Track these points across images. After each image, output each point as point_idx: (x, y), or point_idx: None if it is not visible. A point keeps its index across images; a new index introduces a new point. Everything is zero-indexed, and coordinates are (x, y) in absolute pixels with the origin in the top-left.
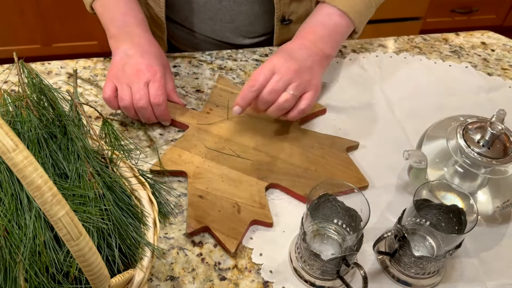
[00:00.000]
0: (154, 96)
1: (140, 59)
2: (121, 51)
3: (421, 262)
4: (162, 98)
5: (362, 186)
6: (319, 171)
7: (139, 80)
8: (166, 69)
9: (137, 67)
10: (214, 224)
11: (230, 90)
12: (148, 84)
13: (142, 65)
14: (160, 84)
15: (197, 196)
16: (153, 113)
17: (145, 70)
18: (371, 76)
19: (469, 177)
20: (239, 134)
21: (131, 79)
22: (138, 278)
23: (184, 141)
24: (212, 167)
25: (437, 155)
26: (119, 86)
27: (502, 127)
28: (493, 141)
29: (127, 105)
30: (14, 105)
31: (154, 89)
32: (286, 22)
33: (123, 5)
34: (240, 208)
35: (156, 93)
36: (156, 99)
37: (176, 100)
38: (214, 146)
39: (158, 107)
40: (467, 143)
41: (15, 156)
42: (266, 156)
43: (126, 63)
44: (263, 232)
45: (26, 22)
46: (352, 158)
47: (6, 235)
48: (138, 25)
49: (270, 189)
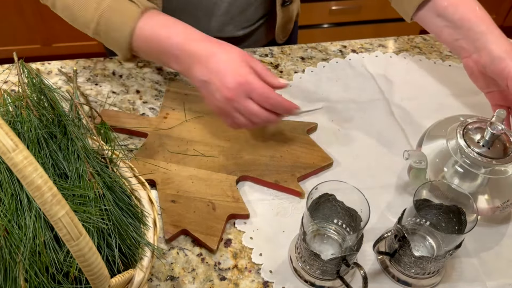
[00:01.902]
0: (264, 102)
1: (218, 82)
2: (197, 81)
3: (421, 262)
4: (271, 100)
5: (327, 164)
6: (285, 157)
7: (239, 101)
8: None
9: (226, 93)
10: (191, 225)
11: (183, 92)
12: (250, 96)
13: (229, 85)
14: (258, 87)
15: (170, 202)
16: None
17: (234, 89)
18: (371, 76)
19: (469, 177)
20: (200, 134)
21: (232, 105)
22: (138, 278)
23: (146, 150)
24: (179, 170)
25: (437, 155)
26: (228, 117)
27: (502, 127)
28: (493, 141)
29: (251, 127)
30: (14, 105)
31: (257, 95)
32: (287, 4)
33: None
34: (215, 206)
35: (262, 98)
36: (267, 103)
37: (272, 81)
38: (177, 150)
39: (275, 107)
40: (467, 143)
41: (15, 156)
42: (231, 150)
43: (213, 93)
44: (263, 232)
45: (26, 22)
46: (352, 157)
47: (6, 235)
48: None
49: (240, 182)
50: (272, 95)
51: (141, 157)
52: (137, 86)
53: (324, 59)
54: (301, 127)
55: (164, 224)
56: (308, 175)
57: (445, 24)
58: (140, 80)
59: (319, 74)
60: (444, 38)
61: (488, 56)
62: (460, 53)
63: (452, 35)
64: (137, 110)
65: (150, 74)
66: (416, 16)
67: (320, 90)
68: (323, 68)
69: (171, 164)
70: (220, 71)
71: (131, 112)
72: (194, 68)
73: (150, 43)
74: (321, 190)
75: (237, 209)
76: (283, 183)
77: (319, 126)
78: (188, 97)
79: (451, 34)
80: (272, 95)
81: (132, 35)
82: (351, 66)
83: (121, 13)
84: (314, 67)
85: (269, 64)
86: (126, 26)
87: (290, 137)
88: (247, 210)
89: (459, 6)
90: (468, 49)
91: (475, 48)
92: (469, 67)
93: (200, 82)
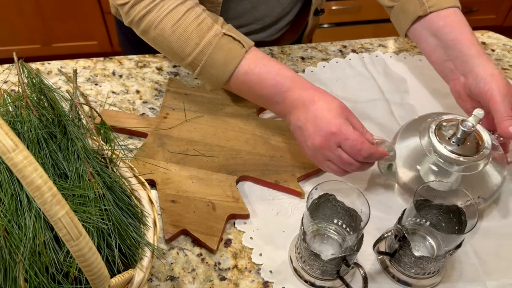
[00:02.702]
0: (355, 154)
1: (311, 129)
2: (293, 125)
3: (421, 262)
4: (363, 152)
5: None
6: (285, 156)
7: (329, 150)
8: (344, 110)
9: (317, 141)
10: (191, 225)
11: (184, 92)
12: (341, 146)
13: (321, 133)
14: (350, 138)
15: (169, 202)
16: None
17: (326, 137)
18: (371, 76)
19: (442, 174)
20: (200, 134)
21: (322, 153)
22: (138, 278)
23: (146, 150)
24: (179, 170)
25: (410, 153)
26: (320, 165)
27: (472, 124)
28: (465, 138)
29: (343, 174)
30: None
31: (349, 147)
32: (320, 14)
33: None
34: (215, 206)
35: (353, 151)
36: (358, 155)
37: (368, 138)
38: (177, 149)
39: (368, 159)
40: (440, 141)
41: (15, 156)
42: (231, 151)
43: (305, 139)
44: (263, 232)
45: (26, 22)
46: None
47: (6, 235)
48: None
49: (240, 182)
50: (364, 147)
51: (141, 157)
52: (137, 86)
53: (324, 59)
54: None
55: (164, 224)
56: (308, 175)
57: (438, 44)
58: (140, 80)
59: (319, 74)
60: (434, 58)
61: (474, 79)
62: (448, 75)
63: (442, 56)
64: (137, 110)
65: (150, 74)
66: (411, 32)
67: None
68: (323, 68)
69: (171, 164)
70: (316, 119)
71: (131, 112)
72: (292, 113)
73: (254, 88)
74: (321, 190)
75: (237, 209)
76: (283, 183)
77: None
78: (188, 97)
79: (442, 55)
80: (364, 146)
81: (232, 76)
82: (351, 66)
83: (225, 52)
84: (314, 67)
85: None
86: (228, 67)
87: (289, 137)
88: (247, 210)
89: (454, 28)
90: (456, 71)
91: (463, 70)
92: (456, 90)
93: (295, 127)
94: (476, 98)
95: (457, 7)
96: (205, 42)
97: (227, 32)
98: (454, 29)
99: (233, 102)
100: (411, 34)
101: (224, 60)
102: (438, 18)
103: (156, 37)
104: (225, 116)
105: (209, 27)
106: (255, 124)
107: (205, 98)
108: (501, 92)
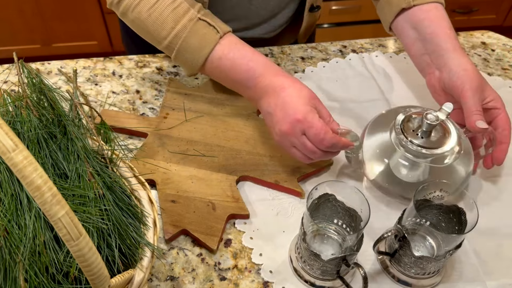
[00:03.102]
0: (318, 143)
1: (280, 115)
2: (263, 111)
3: (421, 262)
4: (325, 142)
5: (327, 164)
6: (285, 156)
7: (295, 136)
8: (313, 99)
9: (284, 127)
10: (191, 225)
11: (184, 92)
12: (306, 134)
13: (287, 120)
14: (314, 127)
15: (169, 202)
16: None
17: (292, 124)
18: (371, 76)
19: (410, 167)
20: (200, 134)
21: (288, 140)
22: (138, 278)
23: (146, 150)
24: (179, 170)
25: (378, 147)
26: (286, 151)
27: (436, 116)
28: (431, 131)
29: (308, 161)
30: (14, 105)
31: (312, 136)
32: (315, 10)
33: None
34: (215, 206)
35: (316, 140)
36: (321, 145)
37: (334, 127)
38: (177, 149)
39: (330, 148)
40: (405, 134)
41: (15, 156)
42: (231, 151)
43: (274, 125)
44: (263, 232)
45: (26, 22)
46: None
47: (6, 235)
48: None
49: (240, 182)
50: (327, 137)
51: (141, 157)
52: (137, 86)
53: (324, 59)
54: None
55: (164, 224)
56: (308, 175)
57: (417, 37)
58: (140, 80)
59: (319, 74)
60: (413, 51)
61: (448, 73)
62: (425, 69)
63: (420, 49)
64: (137, 110)
65: (150, 74)
66: (394, 25)
67: (320, 90)
68: (323, 68)
69: (171, 164)
70: (285, 105)
71: (131, 112)
72: (263, 98)
73: (227, 72)
74: (321, 190)
75: (237, 209)
76: (283, 183)
77: None
78: (188, 97)
79: (420, 48)
80: (327, 136)
81: (206, 61)
82: (351, 66)
83: (199, 37)
84: (314, 67)
85: None
86: (203, 51)
87: None
88: (247, 210)
89: (433, 21)
90: (432, 64)
91: (438, 64)
92: (431, 84)
93: (265, 113)
94: (450, 92)
95: (440, 3)
96: (180, 27)
97: (202, 17)
98: (433, 22)
99: (233, 102)
100: (394, 27)
101: (198, 45)
102: (420, 12)
103: (134, 20)
104: (225, 116)
105: (184, 12)
106: (255, 124)
107: (205, 98)
108: (472, 87)
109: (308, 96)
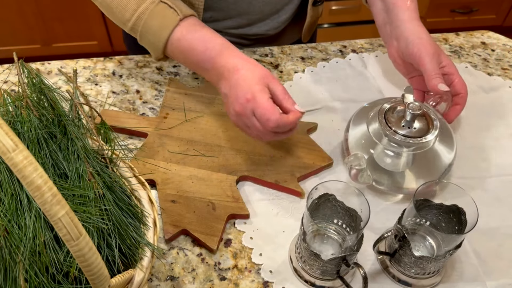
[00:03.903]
0: (263, 123)
1: (234, 96)
2: (221, 93)
3: (421, 262)
4: (270, 123)
5: (327, 164)
6: (285, 157)
7: (247, 116)
8: (266, 78)
9: (236, 108)
10: (191, 225)
11: (184, 92)
12: (254, 114)
13: (239, 100)
14: (261, 107)
15: (169, 201)
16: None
17: (243, 104)
18: (371, 76)
19: (395, 157)
20: (200, 134)
21: (242, 120)
22: (138, 278)
23: (146, 150)
24: (179, 170)
25: (361, 138)
26: (242, 130)
27: (418, 105)
28: (414, 120)
29: (263, 140)
30: (14, 105)
31: (259, 116)
32: (319, 3)
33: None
34: (215, 205)
35: (262, 120)
36: (266, 125)
37: (287, 106)
38: (177, 149)
39: (276, 129)
40: (389, 125)
41: (15, 156)
42: (231, 151)
43: (229, 106)
44: (263, 232)
45: (26, 22)
46: None
47: (6, 235)
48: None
49: (240, 182)
50: (272, 118)
51: (141, 157)
52: (137, 86)
53: (324, 59)
54: (301, 127)
55: (164, 224)
56: (308, 175)
57: (382, 8)
58: (140, 80)
59: (319, 74)
60: (378, 22)
61: (404, 42)
62: (386, 39)
63: (384, 19)
64: (137, 110)
65: (150, 74)
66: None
67: (320, 90)
68: (323, 68)
69: (171, 164)
70: (238, 86)
71: (131, 112)
72: (220, 81)
73: (186, 54)
74: (321, 190)
75: (237, 209)
76: (283, 183)
77: (319, 126)
78: (188, 97)
79: (384, 19)
80: (272, 117)
81: (167, 43)
82: (351, 66)
83: (159, 19)
84: (314, 67)
85: (269, 64)
86: (163, 33)
87: (290, 137)
88: (247, 210)
89: None
90: (391, 35)
91: (396, 34)
92: (391, 55)
93: (223, 95)
94: (408, 61)
95: None
96: (142, 9)
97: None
98: None
99: None
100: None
101: (159, 27)
102: None
103: (102, 2)
104: (225, 116)
105: None
106: None
107: (205, 98)
108: (429, 52)
109: (260, 75)
